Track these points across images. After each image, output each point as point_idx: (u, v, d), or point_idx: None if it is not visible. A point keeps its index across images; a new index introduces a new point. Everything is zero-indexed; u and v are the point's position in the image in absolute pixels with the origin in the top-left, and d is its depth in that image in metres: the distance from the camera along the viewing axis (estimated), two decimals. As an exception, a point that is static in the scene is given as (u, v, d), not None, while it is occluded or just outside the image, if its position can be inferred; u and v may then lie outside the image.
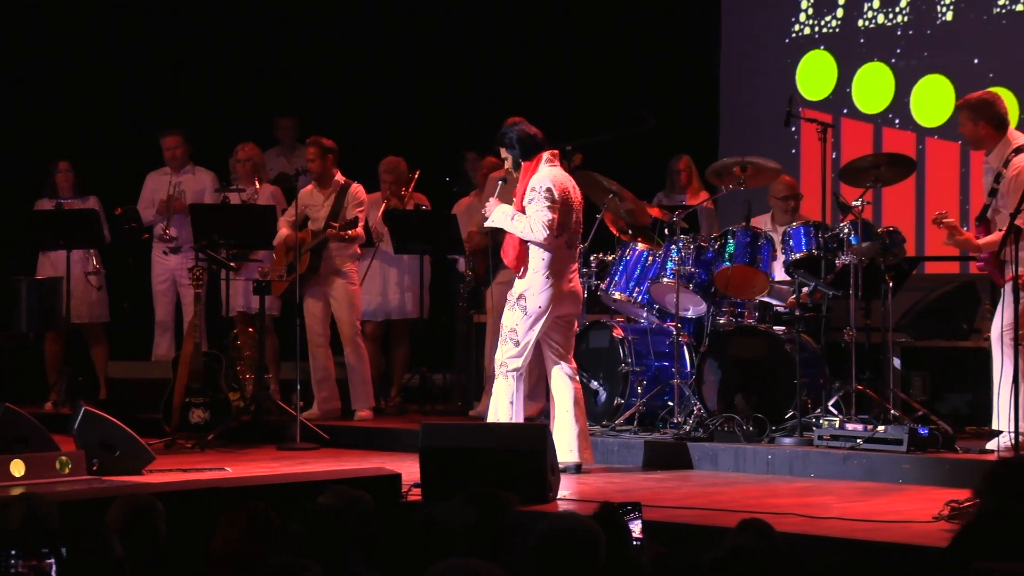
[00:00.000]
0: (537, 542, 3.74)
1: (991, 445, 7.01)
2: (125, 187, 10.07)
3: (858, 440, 7.22)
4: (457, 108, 11.23)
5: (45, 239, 9.56)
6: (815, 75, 10.61)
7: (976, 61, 9.98)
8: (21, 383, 9.95)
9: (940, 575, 4.34)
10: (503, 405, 7.23)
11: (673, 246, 8.11)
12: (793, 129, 10.08)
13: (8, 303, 8.07)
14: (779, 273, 8.03)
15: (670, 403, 8.01)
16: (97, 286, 9.77)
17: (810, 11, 10.66)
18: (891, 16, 10.33)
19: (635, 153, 9.44)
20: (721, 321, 8.11)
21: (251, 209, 9.34)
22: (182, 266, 9.70)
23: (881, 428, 7.22)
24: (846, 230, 7.62)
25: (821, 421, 7.50)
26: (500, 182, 7.60)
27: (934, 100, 10.15)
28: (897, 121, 10.31)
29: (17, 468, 6.52)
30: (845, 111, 10.46)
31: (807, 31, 10.67)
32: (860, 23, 10.46)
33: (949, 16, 10.14)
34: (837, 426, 7.38)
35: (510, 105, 9.53)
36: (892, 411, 7.50)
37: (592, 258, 8.38)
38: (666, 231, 8.29)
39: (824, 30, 10.59)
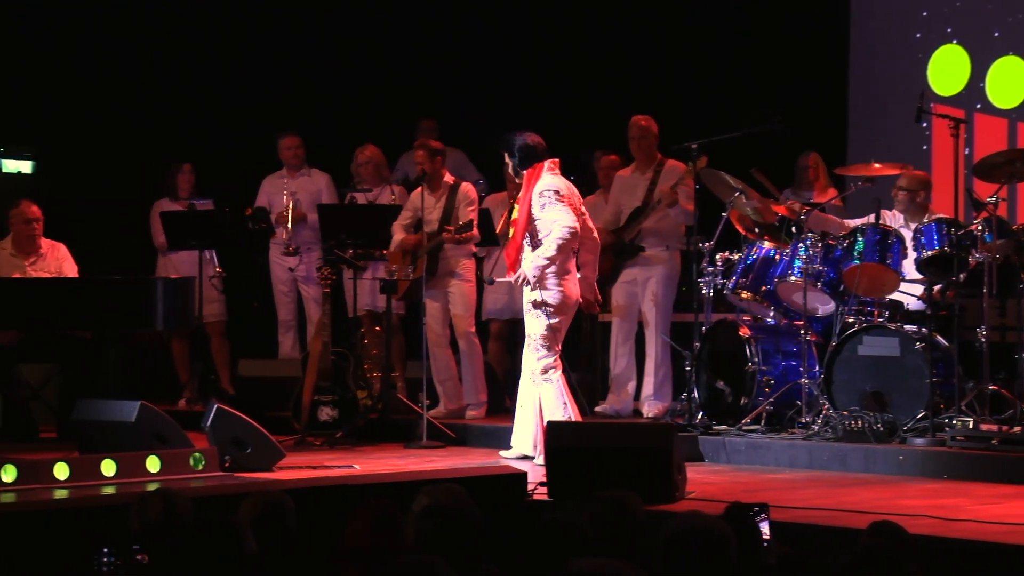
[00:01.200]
0: (666, 542, 3.72)
1: None
2: (241, 189, 10.21)
3: (992, 441, 7.08)
4: (583, 106, 11.21)
5: (176, 239, 9.74)
6: (947, 70, 10.40)
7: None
8: (154, 381, 10.19)
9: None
10: (558, 408, 7.42)
11: (801, 244, 8.02)
12: (924, 125, 9.91)
13: (145, 302, 8.24)
14: (910, 271, 7.90)
15: (798, 403, 7.92)
16: (220, 288, 9.93)
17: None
18: (1027, 7, 10.10)
19: (763, 151, 9.34)
20: (850, 320, 8.00)
21: (377, 209, 9.43)
22: (302, 267, 9.83)
23: (1016, 428, 7.07)
24: (980, 227, 7.47)
25: (954, 421, 7.38)
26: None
27: (1072, 94, 9.91)
28: (1033, 116, 10.08)
29: (153, 464, 6.65)
30: (979, 106, 10.24)
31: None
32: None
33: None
34: (971, 426, 7.25)
35: (637, 104, 9.51)
36: (1027, 411, 7.34)
37: (718, 257, 8.31)
38: (793, 229, 8.19)
39: (957, 24, 10.39)
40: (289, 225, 9.80)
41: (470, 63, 11.60)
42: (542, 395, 7.52)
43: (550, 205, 7.45)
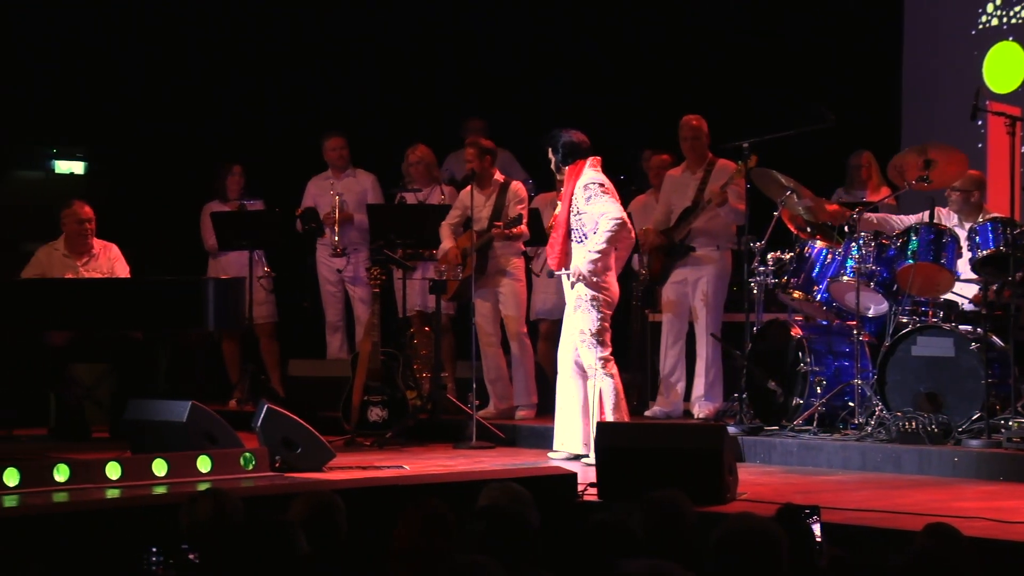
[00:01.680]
0: (717, 544, 3.70)
1: None
2: (290, 190, 10.23)
3: (1050, 442, 7.00)
4: (632, 106, 11.17)
5: (226, 240, 9.78)
6: (1003, 67, 10.27)
7: None
8: (205, 382, 10.24)
9: None
10: (619, 403, 7.50)
11: (853, 243, 7.96)
12: (979, 123, 9.79)
13: (196, 303, 8.27)
14: (965, 271, 7.81)
15: (850, 404, 7.86)
16: (269, 289, 9.96)
17: (998, 1, 10.33)
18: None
19: (815, 149, 9.29)
20: (904, 320, 7.92)
21: (426, 209, 9.43)
22: (349, 268, 9.83)
23: (1074, 430, 6.99)
24: (1036, 226, 7.38)
25: (1010, 423, 7.29)
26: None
27: None
28: (1091, 113, 9.94)
29: (204, 464, 6.68)
30: (1035, 104, 10.11)
31: (995, 22, 10.34)
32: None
33: None
34: (1027, 428, 7.17)
35: (686, 103, 9.45)
36: (1085, 413, 7.25)
37: (769, 256, 8.25)
38: (846, 228, 8.13)
39: (1013, 20, 10.26)
40: (336, 226, 9.81)
41: (519, 62, 11.58)
42: (602, 390, 7.55)
43: (596, 197, 7.51)
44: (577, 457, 7.62)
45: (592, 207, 7.51)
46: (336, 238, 9.84)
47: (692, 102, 9.50)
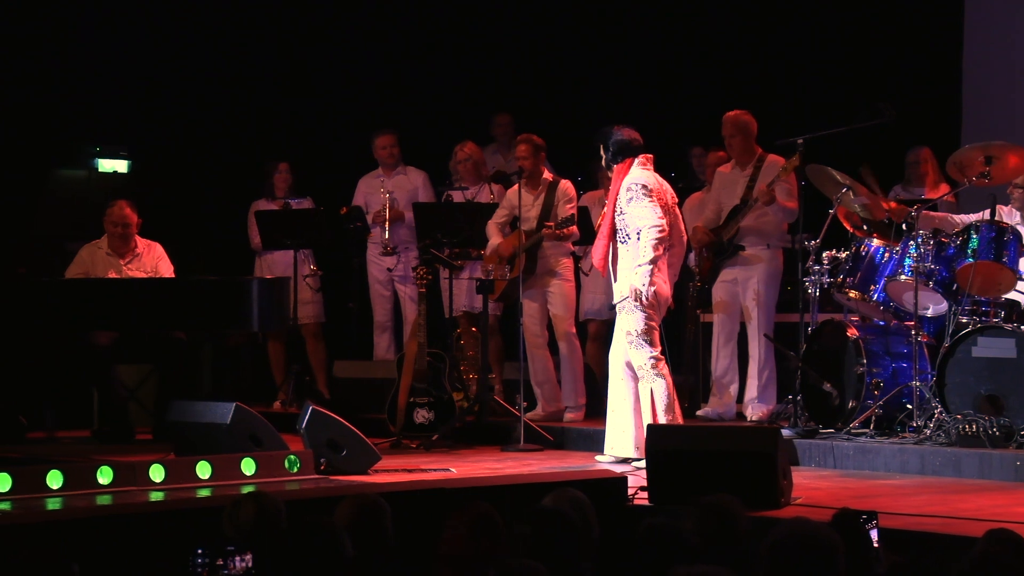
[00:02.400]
0: (771, 549, 3.65)
1: None
2: (337, 189, 10.20)
3: (1117, 446, 6.85)
4: (682, 103, 11.05)
5: (271, 239, 9.74)
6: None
7: None
8: (250, 383, 10.20)
9: None
10: (672, 404, 7.43)
11: (911, 242, 7.84)
12: (1044, 118, 9.63)
13: (240, 303, 8.23)
14: (1028, 270, 7.68)
15: (909, 406, 7.76)
16: (316, 288, 9.91)
17: (1060, -7, 10.14)
18: None
19: (872, 146, 9.15)
20: (964, 320, 7.79)
21: (474, 207, 9.35)
22: (399, 266, 9.77)
23: None
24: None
25: (1075, 426, 7.14)
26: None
27: None
28: None
29: (248, 466, 6.65)
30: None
31: (1061, 11, 10.14)
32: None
33: None
34: (1092, 431, 7.03)
35: (739, 99, 9.34)
36: None
37: (824, 255, 8.15)
38: (903, 226, 7.99)
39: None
40: (386, 225, 9.74)
41: (563, 59, 11.50)
42: (653, 390, 7.49)
43: (636, 200, 7.45)
44: (626, 460, 7.51)
45: (632, 209, 7.48)
46: (387, 236, 9.77)
47: (747, 97, 9.40)
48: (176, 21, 10.91)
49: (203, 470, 6.49)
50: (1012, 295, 7.80)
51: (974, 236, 7.70)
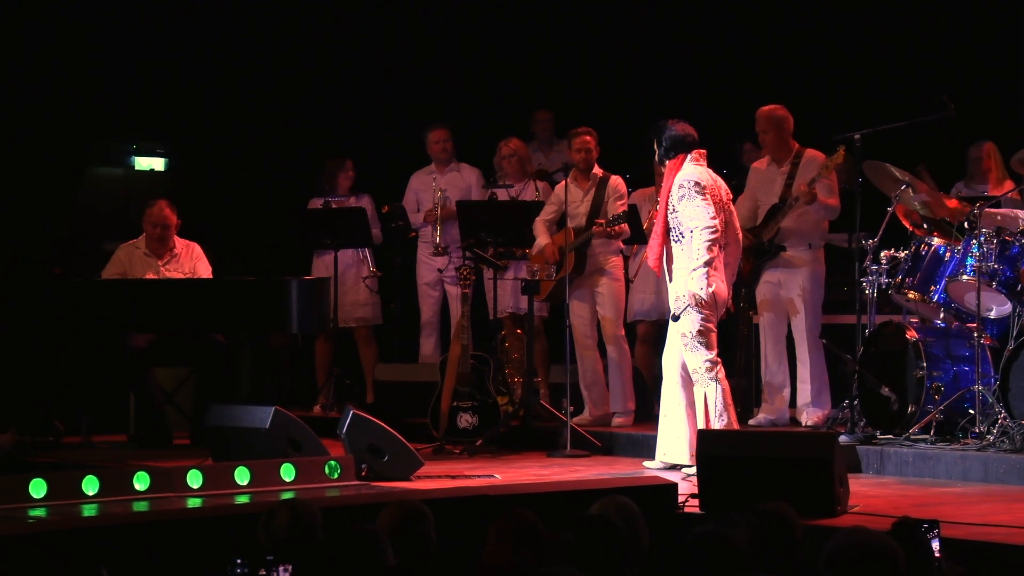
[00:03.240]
0: (828, 560, 3.58)
1: None
2: (393, 186, 10.13)
3: None
4: (731, 97, 10.87)
5: (315, 239, 9.63)
6: None
7: None
8: (291, 386, 10.10)
9: None
10: (726, 410, 7.30)
11: (974, 241, 7.66)
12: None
13: (279, 304, 8.13)
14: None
15: (971, 411, 7.57)
16: (374, 290, 9.80)
17: None
18: None
19: (932, 141, 8.95)
20: (1029, 322, 7.57)
21: (519, 206, 9.25)
22: (449, 266, 9.64)
23: None
24: None
25: None
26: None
27: None
28: None
29: (288, 472, 6.61)
30: None
31: None
32: None
33: None
34: None
35: (796, 94, 9.19)
36: None
37: (883, 254, 8.00)
38: (965, 224, 7.80)
39: None
40: (437, 223, 9.59)
41: (607, 53, 11.41)
42: (707, 395, 7.36)
43: (688, 197, 7.31)
44: (676, 467, 7.32)
45: (683, 207, 7.34)
46: (437, 236, 9.62)
47: (802, 93, 9.18)
48: (213, 17, 10.91)
49: (241, 476, 6.45)
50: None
51: (1040, 234, 7.54)
